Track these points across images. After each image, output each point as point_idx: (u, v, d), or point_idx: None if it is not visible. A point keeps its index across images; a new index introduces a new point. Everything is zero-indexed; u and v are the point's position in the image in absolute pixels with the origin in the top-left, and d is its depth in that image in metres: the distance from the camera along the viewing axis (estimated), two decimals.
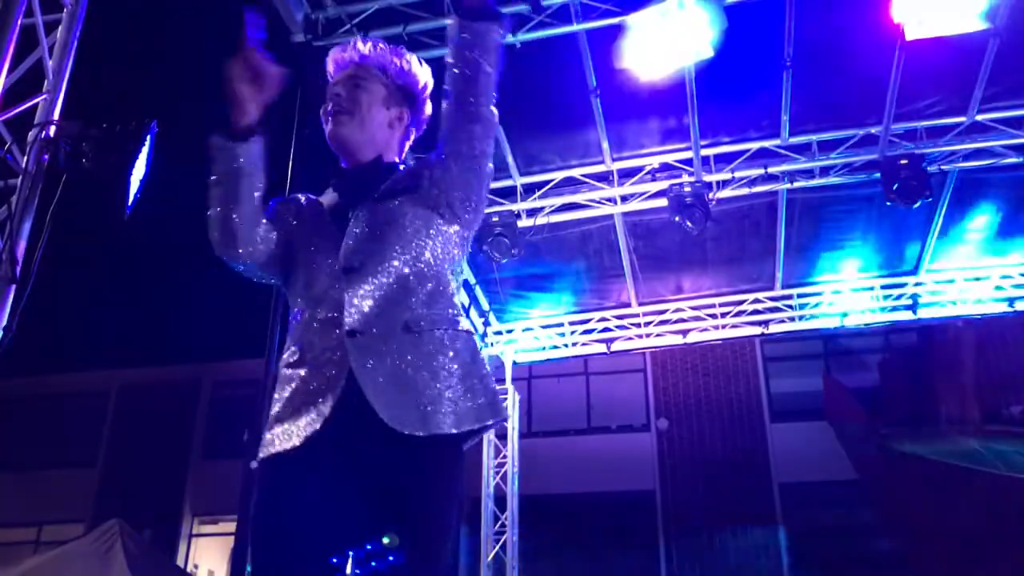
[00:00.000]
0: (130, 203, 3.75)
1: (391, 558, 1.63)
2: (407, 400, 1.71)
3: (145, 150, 3.77)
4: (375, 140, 1.99)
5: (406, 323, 1.78)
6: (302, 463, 1.73)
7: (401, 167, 2.02)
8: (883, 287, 9.06)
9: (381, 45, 2.03)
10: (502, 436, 9.50)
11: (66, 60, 4.03)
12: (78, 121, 3.83)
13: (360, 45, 2.02)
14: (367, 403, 1.70)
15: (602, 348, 9.64)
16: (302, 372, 1.81)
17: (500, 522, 9.10)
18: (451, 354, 1.79)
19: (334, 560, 1.66)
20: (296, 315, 1.91)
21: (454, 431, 1.72)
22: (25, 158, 3.78)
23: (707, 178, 7.26)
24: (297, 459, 1.73)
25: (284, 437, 1.75)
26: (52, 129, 3.80)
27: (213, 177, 1.86)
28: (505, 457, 9.32)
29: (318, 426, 1.72)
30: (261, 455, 1.79)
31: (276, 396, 1.84)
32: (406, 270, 1.83)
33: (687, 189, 7.17)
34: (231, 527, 16.00)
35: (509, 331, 9.59)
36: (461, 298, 1.95)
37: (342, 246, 1.85)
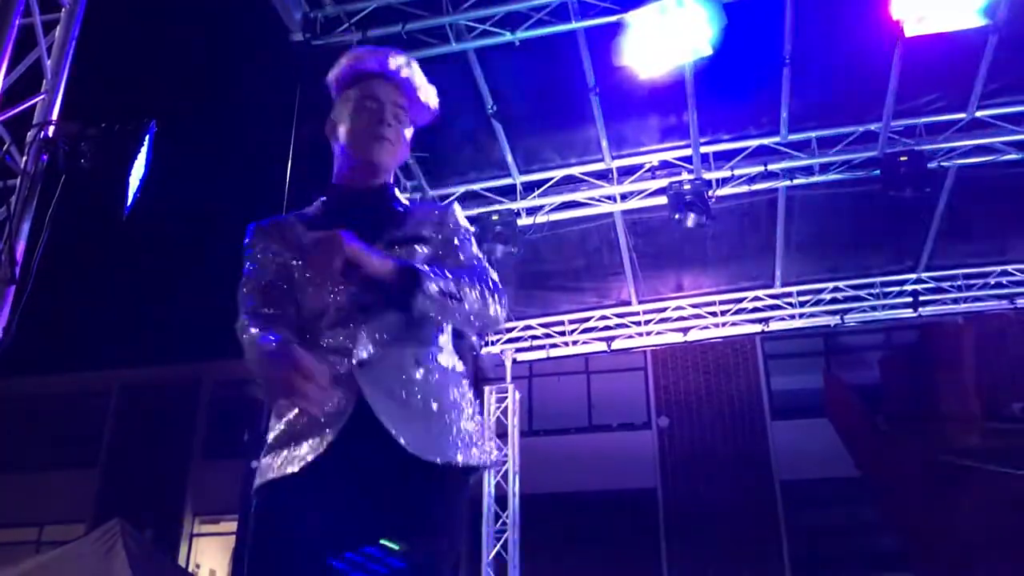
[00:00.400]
0: (129, 203, 3.75)
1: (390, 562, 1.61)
2: (422, 427, 1.74)
3: (144, 150, 3.77)
4: (391, 171, 2.03)
5: (415, 358, 1.81)
6: (301, 490, 1.71)
7: (405, 199, 2.00)
8: (883, 284, 9.06)
9: (419, 79, 1.99)
10: (503, 435, 9.49)
11: (64, 60, 4.02)
12: (77, 121, 3.81)
13: (407, 69, 1.96)
14: (376, 430, 1.70)
15: (603, 346, 9.65)
16: None
17: (501, 521, 9.10)
18: (456, 390, 1.84)
19: (333, 564, 1.64)
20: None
21: (466, 463, 1.75)
22: (24, 158, 3.77)
23: (707, 176, 7.26)
24: (296, 486, 1.71)
25: (283, 464, 1.74)
26: (51, 129, 3.79)
27: None
28: (506, 456, 9.32)
29: (321, 451, 1.71)
30: (259, 482, 1.76)
31: (274, 421, 1.81)
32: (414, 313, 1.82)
33: (687, 187, 7.17)
34: (232, 527, 16.00)
35: (509, 330, 9.58)
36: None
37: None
